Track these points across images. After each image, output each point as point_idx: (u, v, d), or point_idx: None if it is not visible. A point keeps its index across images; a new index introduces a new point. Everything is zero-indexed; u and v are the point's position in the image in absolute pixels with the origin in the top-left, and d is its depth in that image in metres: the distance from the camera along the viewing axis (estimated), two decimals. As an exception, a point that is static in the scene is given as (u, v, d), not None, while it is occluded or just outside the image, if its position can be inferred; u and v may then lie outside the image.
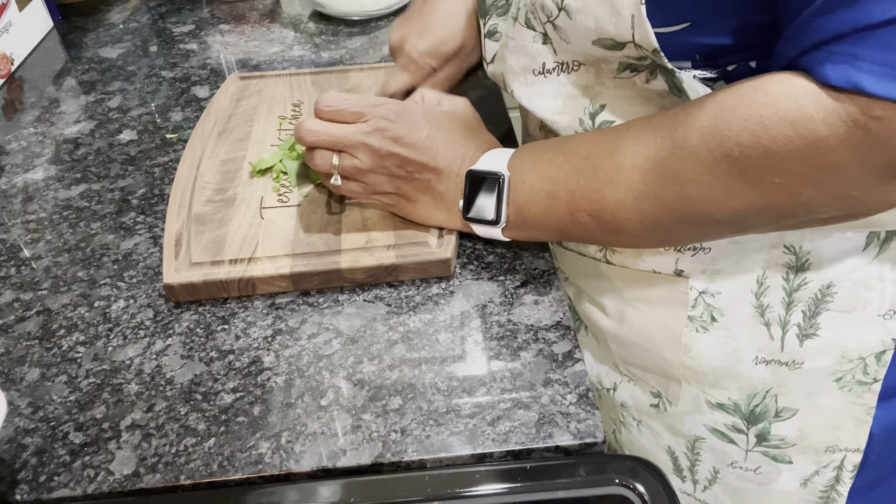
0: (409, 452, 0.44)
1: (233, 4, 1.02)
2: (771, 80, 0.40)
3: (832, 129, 0.37)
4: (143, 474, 0.44)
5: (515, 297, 0.54)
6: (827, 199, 0.41)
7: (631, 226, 0.47)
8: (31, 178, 0.69)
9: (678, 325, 0.56)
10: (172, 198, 0.61)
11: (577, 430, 0.45)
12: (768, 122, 0.39)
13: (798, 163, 0.39)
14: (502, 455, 0.44)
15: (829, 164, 0.38)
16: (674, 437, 0.62)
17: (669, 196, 0.44)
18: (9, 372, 0.50)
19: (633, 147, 0.45)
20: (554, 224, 0.51)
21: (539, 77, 0.53)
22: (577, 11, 0.46)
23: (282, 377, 0.49)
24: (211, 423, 0.46)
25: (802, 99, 0.38)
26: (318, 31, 0.94)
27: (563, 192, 0.49)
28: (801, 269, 0.51)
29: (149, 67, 0.87)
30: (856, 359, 0.54)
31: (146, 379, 0.49)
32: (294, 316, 0.53)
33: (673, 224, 0.46)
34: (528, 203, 0.51)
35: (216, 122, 0.70)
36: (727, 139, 0.40)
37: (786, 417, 0.57)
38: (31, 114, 0.80)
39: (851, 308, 0.52)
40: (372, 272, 0.54)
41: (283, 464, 0.44)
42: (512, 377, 0.48)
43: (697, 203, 0.43)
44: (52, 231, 0.63)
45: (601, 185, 0.47)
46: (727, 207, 0.43)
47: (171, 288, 0.54)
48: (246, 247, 0.56)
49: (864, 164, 0.38)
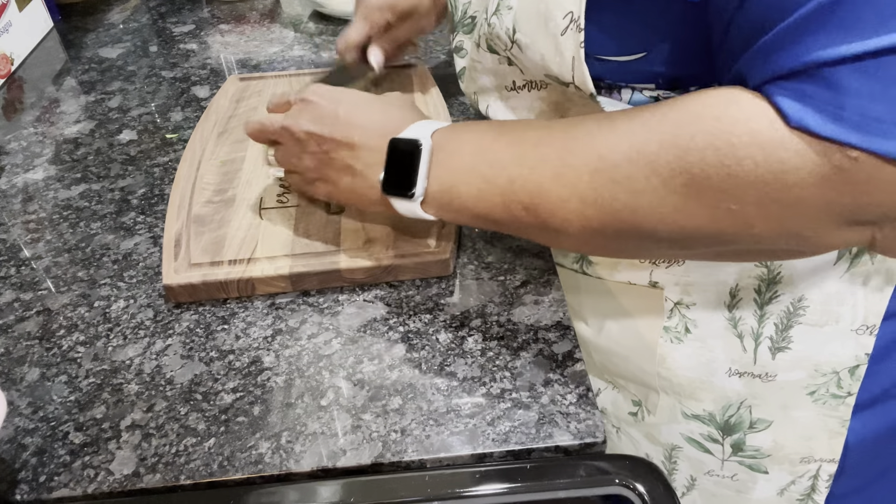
0: (409, 452, 0.44)
1: (233, 4, 1.02)
2: (742, 95, 0.36)
3: (804, 160, 0.34)
4: (143, 474, 0.43)
5: (515, 297, 0.54)
6: (778, 235, 0.38)
7: (571, 228, 0.42)
8: (31, 178, 0.69)
9: (654, 336, 0.56)
10: (172, 199, 0.61)
11: (577, 430, 0.45)
12: (737, 141, 0.35)
13: (759, 192, 0.35)
14: (502, 455, 0.44)
15: (792, 198, 0.35)
16: (652, 444, 0.63)
17: (617, 204, 0.40)
18: (9, 372, 0.50)
19: (586, 142, 0.41)
20: (484, 212, 0.46)
21: (511, 93, 0.54)
22: (526, 47, 0.46)
23: (282, 377, 0.49)
24: (211, 423, 0.46)
25: (777, 123, 0.34)
26: (318, 31, 0.94)
27: (501, 179, 0.44)
28: (773, 281, 0.51)
29: (149, 67, 0.87)
30: (829, 373, 0.54)
31: (146, 379, 0.49)
32: (294, 316, 0.53)
33: (615, 233, 0.41)
34: (458, 183, 0.46)
35: (216, 124, 0.70)
36: (689, 152, 0.37)
37: (760, 429, 0.57)
38: (31, 114, 0.80)
39: (824, 322, 0.52)
40: (371, 272, 0.54)
41: (283, 464, 0.44)
42: (512, 377, 0.48)
43: (644, 216, 0.39)
44: (52, 231, 0.63)
45: (545, 178, 0.42)
46: (675, 226, 0.39)
47: (170, 289, 0.54)
48: (245, 247, 0.56)
49: (830, 206, 0.35)
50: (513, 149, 0.44)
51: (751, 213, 0.37)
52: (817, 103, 0.33)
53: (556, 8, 0.43)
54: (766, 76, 0.35)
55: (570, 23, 0.42)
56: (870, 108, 0.32)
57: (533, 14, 0.45)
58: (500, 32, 0.48)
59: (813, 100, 0.33)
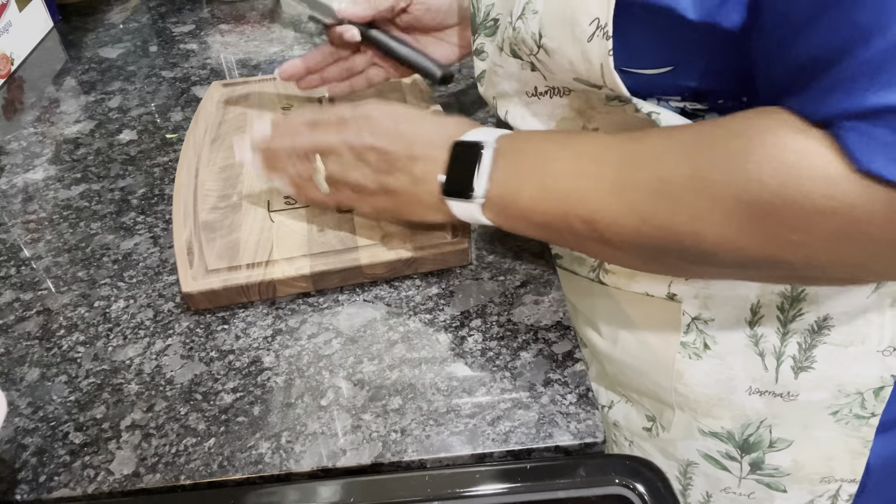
0: (409, 452, 0.44)
1: (233, 4, 1.02)
2: (810, 127, 0.36)
3: (872, 199, 0.34)
4: (143, 474, 0.43)
5: (515, 297, 0.54)
6: (841, 267, 0.38)
7: (627, 244, 0.43)
8: (31, 178, 0.69)
9: (671, 351, 0.55)
10: (176, 207, 0.60)
11: (577, 430, 0.45)
12: (807, 175, 0.35)
13: (827, 226, 0.35)
14: (502, 455, 0.44)
15: (860, 234, 0.35)
16: (666, 460, 0.62)
17: (676, 226, 0.40)
18: (9, 372, 0.50)
19: (647, 163, 0.41)
20: (541, 220, 0.46)
21: (533, 98, 0.53)
22: (554, 52, 0.46)
23: (282, 377, 0.49)
24: (211, 423, 0.46)
25: (845, 159, 0.34)
26: (318, 31, 0.94)
27: (559, 190, 0.45)
28: (797, 299, 0.50)
29: (149, 67, 0.87)
30: (853, 393, 0.53)
31: (146, 379, 0.49)
32: (294, 316, 0.53)
33: (670, 254, 0.42)
34: (518, 189, 0.46)
35: (206, 130, 0.69)
36: (754, 183, 0.36)
37: (780, 448, 0.56)
38: (31, 114, 0.80)
39: (849, 342, 0.51)
40: (392, 266, 0.54)
41: (283, 464, 0.44)
42: (512, 377, 0.48)
43: (704, 241, 0.39)
44: (52, 231, 0.63)
45: (603, 192, 0.43)
46: (736, 252, 0.39)
47: (190, 296, 0.53)
48: (261, 250, 0.55)
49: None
50: (573, 162, 0.45)
51: (816, 245, 0.37)
52: (886, 147, 0.33)
53: (583, 13, 0.42)
54: (831, 112, 0.35)
55: (597, 29, 0.42)
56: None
57: (559, 19, 0.44)
58: (526, 37, 0.47)
59: (881, 143, 0.33)
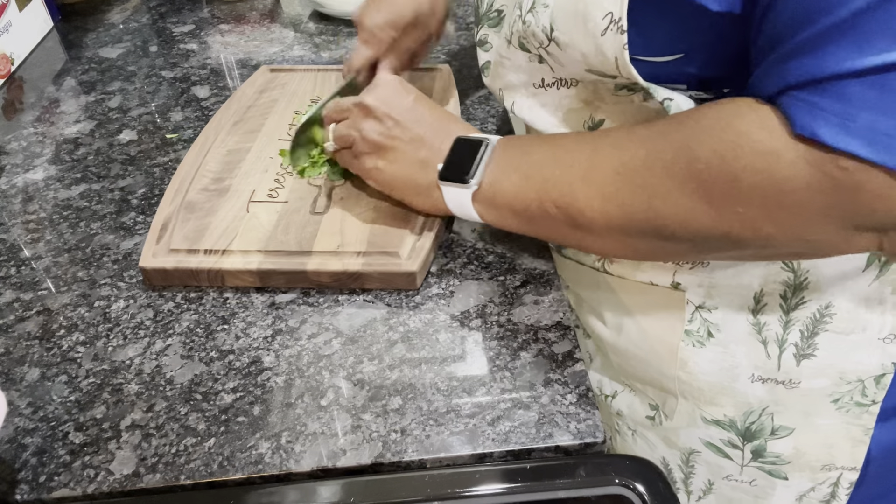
0: (409, 452, 0.44)
1: (233, 4, 1.02)
2: (750, 108, 0.39)
3: (797, 170, 0.37)
4: (143, 474, 0.43)
5: (515, 297, 0.54)
6: (786, 239, 0.40)
7: (596, 226, 0.46)
8: (31, 178, 0.69)
9: (675, 339, 0.56)
10: (172, 182, 0.62)
11: (577, 430, 0.45)
12: (740, 150, 0.38)
13: (762, 197, 0.39)
14: (502, 455, 0.44)
15: (791, 204, 0.38)
16: (669, 448, 0.62)
17: (636, 204, 0.44)
18: (9, 372, 0.50)
19: (610, 150, 0.46)
20: (521, 207, 0.50)
21: (540, 90, 0.54)
22: (566, 45, 0.46)
23: (282, 377, 0.49)
24: (211, 423, 0.46)
25: (776, 133, 0.37)
26: (318, 31, 0.94)
27: (537, 177, 0.49)
28: (800, 287, 0.51)
29: (149, 67, 0.87)
30: (854, 381, 0.53)
31: (146, 379, 0.49)
32: (294, 316, 0.53)
33: (638, 233, 0.45)
34: (502, 178, 0.50)
35: (235, 112, 0.71)
36: (698, 160, 0.40)
37: (782, 436, 0.56)
38: (31, 114, 0.80)
39: (850, 330, 0.52)
40: (337, 277, 0.54)
41: (283, 464, 0.44)
42: (512, 377, 0.48)
43: (662, 217, 0.43)
44: (52, 231, 0.63)
45: (574, 178, 0.47)
46: (690, 228, 0.42)
47: (145, 271, 0.55)
48: (224, 239, 0.56)
49: (828, 212, 0.38)
50: (549, 152, 0.49)
51: (757, 216, 0.40)
52: (828, 115, 0.35)
53: (595, 8, 0.43)
54: (779, 86, 0.37)
55: (611, 23, 0.42)
56: (880, 121, 0.34)
57: (571, 13, 0.45)
58: (537, 30, 0.48)
59: (824, 111, 0.35)
